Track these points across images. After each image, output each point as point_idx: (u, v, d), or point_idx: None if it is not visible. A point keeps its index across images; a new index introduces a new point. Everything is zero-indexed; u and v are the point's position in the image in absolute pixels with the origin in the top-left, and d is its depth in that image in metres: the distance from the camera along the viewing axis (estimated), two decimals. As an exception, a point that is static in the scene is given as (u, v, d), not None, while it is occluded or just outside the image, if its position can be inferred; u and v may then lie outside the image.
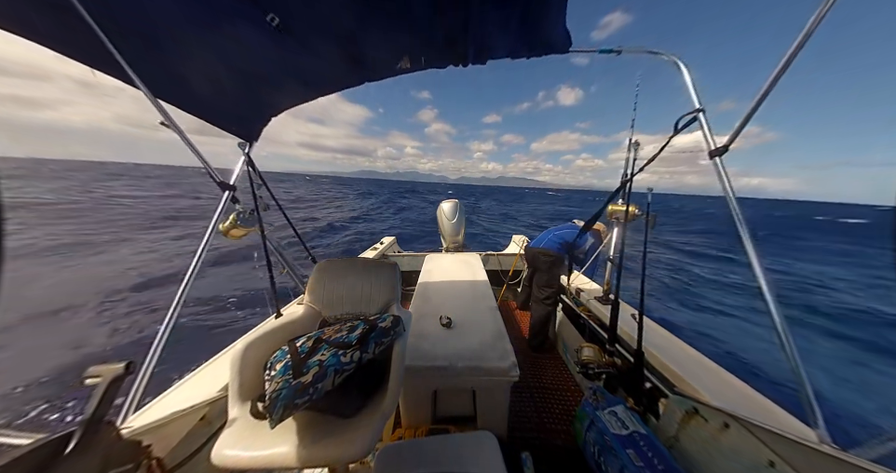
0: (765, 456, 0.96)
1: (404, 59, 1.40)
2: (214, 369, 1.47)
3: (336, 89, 1.67)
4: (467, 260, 3.23)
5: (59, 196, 20.51)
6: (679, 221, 28.72)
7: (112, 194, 24.64)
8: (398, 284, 1.62)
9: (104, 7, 0.96)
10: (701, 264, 10.28)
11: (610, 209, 2.16)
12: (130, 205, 18.53)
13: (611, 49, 1.49)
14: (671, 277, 8.23)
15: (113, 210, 15.90)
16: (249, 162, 1.77)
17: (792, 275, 9.51)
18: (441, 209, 4.02)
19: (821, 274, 9.82)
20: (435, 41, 1.28)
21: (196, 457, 1.12)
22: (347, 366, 1.06)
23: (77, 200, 19.43)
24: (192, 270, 1.35)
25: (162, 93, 1.26)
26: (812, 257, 13.16)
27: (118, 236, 10.00)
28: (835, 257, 13.73)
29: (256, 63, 1.37)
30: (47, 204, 16.77)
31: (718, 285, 7.85)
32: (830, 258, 13.30)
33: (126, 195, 23.86)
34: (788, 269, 10.32)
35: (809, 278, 9.09)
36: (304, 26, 1.17)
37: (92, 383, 0.77)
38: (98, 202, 19.18)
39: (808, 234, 23.69)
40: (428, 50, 1.36)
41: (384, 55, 1.38)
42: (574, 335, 2.38)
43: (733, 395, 1.26)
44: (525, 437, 1.80)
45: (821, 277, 9.33)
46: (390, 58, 1.40)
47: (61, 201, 18.23)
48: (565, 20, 1.19)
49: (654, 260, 9.63)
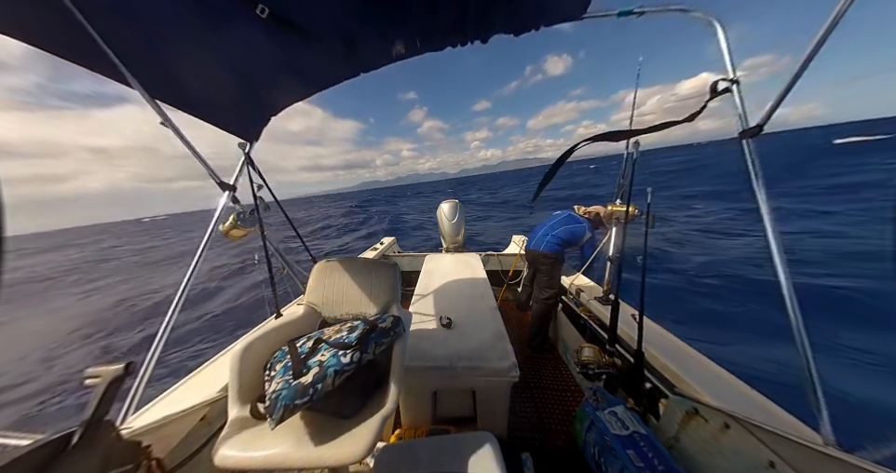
0: (765, 457, 0.96)
1: (399, 43, 1.33)
2: (214, 369, 1.47)
3: (332, 83, 1.65)
4: (467, 260, 3.23)
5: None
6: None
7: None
8: (398, 284, 1.62)
9: (99, 9, 0.96)
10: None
11: (609, 209, 2.17)
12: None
13: (630, 11, 1.26)
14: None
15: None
16: (249, 162, 1.77)
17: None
18: (441, 210, 4.02)
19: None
20: (434, 18, 1.18)
21: (196, 458, 1.12)
22: (347, 366, 1.06)
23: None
24: (192, 270, 1.35)
25: (160, 94, 1.26)
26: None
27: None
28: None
29: (252, 61, 1.36)
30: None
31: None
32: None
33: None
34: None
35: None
36: (296, 16, 1.14)
37: (92, 383, 0.77)
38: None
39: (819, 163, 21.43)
40: (426, 30, 1.27)
41: (379, 40, 1.33)
42: (574, 335, 2.38)
43: (733, 395, 1.26)
44: (525, 437, 1.80)
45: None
46: (386, 43, 1.34)
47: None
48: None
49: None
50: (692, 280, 5.97)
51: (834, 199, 10.86)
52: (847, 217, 8.68)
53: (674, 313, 4.98)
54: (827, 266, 5.65)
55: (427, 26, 1.24)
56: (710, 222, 10.11)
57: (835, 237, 7.10)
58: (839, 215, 8.92)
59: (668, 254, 7.26)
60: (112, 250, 25.63)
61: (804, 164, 23.60)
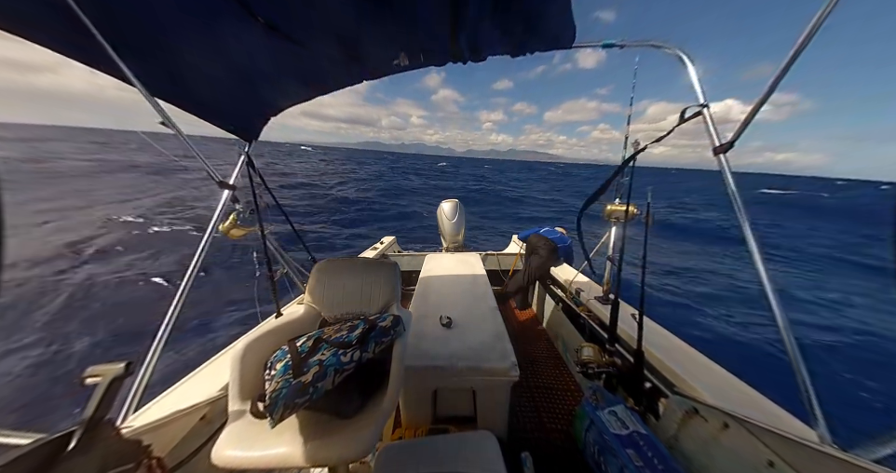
0: (764, 456, 0.96)
1: (402, 56, 1.38)
2: (214, 368, 1.47)
3: (335, 88, 1.66)
4: (467, 260, 3.23)
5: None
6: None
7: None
8: (398, 284, 1.62)
9: (101, 7, 0.96)
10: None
11: (609, 209, 2.17)
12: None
13: (613, 43, 1.45)
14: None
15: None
16: (248, 161, 1.77)
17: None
18: (441, 209, 4.01)
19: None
20: (435, 39, 1.26)
21: (196, 457, 1.12)
22: (347, 365, 1.06)
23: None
24: (192, 270, 1.35)
25: (160, 93, 1.26)
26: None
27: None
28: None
29: (254, 63, 1.36)
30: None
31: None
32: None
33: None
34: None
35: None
36: (300, 25, 1.16)
37: (92, 382, 0.77)
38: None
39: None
40: (427, 48, 1.34)
41: (382, 53, 1.37)
42: (574, 335, 2.38)
43: (733, 395, 1.27)
44: (525, 437, 1.80)
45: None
46: (388, 55, 1.38)
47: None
48: (571, 11, 1.12)
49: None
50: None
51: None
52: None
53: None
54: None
55: (425, 44, 1.30)
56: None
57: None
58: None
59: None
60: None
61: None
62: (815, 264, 9.49)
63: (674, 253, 9.70)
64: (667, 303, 5.90)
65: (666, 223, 14.93)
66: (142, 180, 17.51)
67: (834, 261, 10.12)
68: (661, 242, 10.98)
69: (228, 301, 5.01)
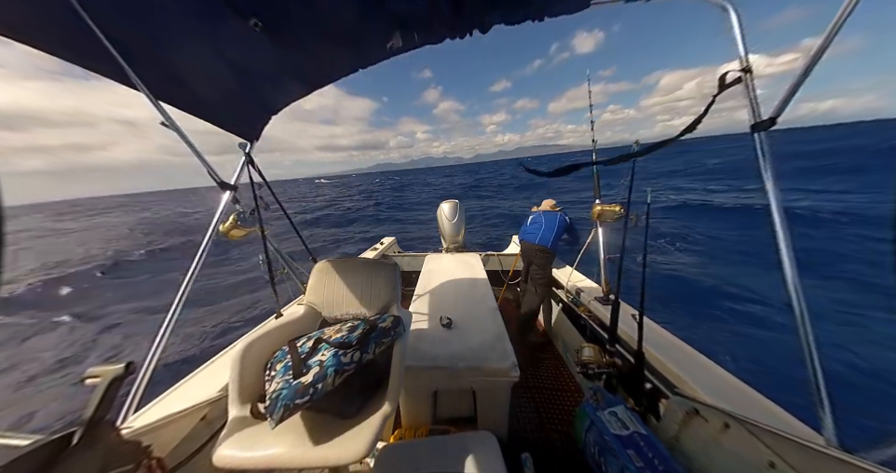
0: (765, 457, 0.96)
1: (396, 37, 1.26)
2: (214, 369, 1.47)
3: (331, 80, 1.62)
4: (467, 260, 3.23)
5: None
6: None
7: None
8: (398, 284, 1.62)
9: (103, 11, 0.96)
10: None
11: (598, 209, 2.22)
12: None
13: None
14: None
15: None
16: (249, 161, 1.77)
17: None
18: (441, 210, 4.01)
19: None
20: (431, 8, 1.13)
21: (196, 457, 1.12)
22: (348, 366, 1.06)
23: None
24: (192, 270, 1.35)
25: (162, 95, 1.27)
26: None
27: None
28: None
29: (252, 63, 1.36)
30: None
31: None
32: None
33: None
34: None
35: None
36: (288, 29, 1.15)
37: (92, 383, 0.77)
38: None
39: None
40: (423, 21, 1.22)
41: (376, 35, 1.28)
42: (574, 335, 2.38)
43: (733, 395, 1.26)
44: (525, 437, 1.80)
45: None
46: (383, 38, 1.29)
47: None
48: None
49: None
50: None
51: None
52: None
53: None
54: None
55: (423, 17, 1.18)
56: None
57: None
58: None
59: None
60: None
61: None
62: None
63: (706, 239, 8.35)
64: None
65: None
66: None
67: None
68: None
69: (228, 301, 5.01)
